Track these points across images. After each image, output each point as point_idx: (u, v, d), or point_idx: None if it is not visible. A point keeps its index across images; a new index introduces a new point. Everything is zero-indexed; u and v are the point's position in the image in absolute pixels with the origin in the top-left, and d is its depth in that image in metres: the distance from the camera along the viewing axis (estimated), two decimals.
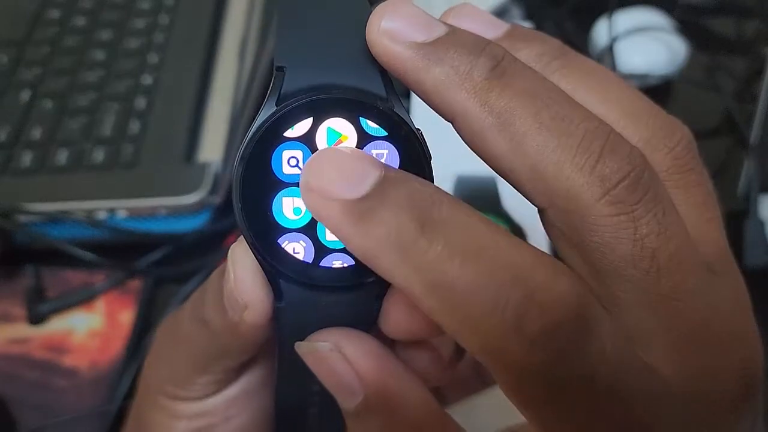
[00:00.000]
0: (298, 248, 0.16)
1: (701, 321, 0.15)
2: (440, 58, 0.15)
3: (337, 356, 0.16)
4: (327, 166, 0.14)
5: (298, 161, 0.15)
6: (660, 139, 0.16)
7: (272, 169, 0.15)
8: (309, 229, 0.16)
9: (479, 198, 0.36)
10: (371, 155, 0.15)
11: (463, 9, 0.17)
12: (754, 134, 0.41)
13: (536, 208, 0.15)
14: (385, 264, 0.14)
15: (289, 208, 0.16)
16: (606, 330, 0.14)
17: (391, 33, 0.15)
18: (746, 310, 0.16)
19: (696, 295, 0.15)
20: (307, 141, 0.15)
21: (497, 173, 0.15)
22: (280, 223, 0.16)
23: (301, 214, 0.16)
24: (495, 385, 0.25)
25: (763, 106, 0.41)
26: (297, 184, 0.15)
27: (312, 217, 0.16)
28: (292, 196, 0.16)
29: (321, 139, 0.15)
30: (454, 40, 0.15)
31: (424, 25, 0.15)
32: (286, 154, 0.15)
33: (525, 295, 0.13)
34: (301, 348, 0.17)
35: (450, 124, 0.15)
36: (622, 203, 0.14)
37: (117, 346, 0.37)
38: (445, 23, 0.15)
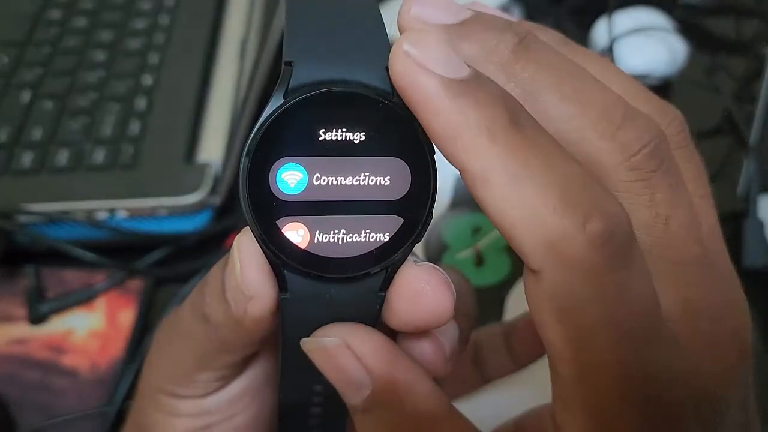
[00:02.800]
0: (301, 233, 0.16)
1: (702, 290, 0.16)
2: (468, 35, 0.16)
3: (345, 351, 0.16)
4: (428, 40, 0.14)
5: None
6: (654, 118, 0.17)
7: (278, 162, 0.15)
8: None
9: None
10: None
11: (473, 6, 0.18)
12: (754, 134, 0.41)
13: None
14: (469, 143, 0.14)
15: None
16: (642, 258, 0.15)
17: (422, 18, 0.16)
18: (736, 281, 0.17)
19: (698, 265, 0.16)
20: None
21: None
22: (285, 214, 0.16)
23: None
24: (495, 382, 0.26)
25: (763, 106, 0.41)
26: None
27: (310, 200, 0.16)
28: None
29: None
30: (480, 20, 0.16)
31: (451, 10, 0.16)
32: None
33: (592, 202, 0.14)
34: (307, 345, 0.17)
35: None
36: (641, 170, 0.15)
37: (117, 346, 0.37)
38: (470, 8, 0.17)
